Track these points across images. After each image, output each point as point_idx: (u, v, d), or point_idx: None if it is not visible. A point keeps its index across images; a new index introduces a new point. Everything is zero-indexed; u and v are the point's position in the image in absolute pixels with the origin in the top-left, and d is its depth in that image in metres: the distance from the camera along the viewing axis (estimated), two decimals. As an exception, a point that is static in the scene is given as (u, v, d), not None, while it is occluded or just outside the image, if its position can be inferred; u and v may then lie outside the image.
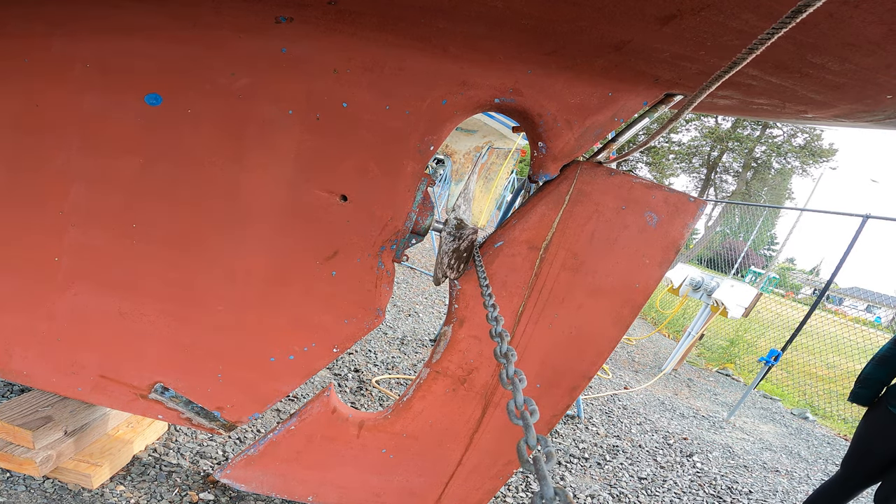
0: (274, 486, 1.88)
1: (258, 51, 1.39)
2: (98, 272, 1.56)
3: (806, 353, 8.79)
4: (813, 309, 5.47)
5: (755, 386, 5.41)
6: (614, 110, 1.53)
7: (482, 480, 2.01)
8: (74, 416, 1.92)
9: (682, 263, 7.27)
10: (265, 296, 1.63)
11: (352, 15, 1.34)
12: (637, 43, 1.24)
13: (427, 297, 6.12)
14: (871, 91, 1.30)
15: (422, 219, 1.62)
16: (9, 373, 1.64)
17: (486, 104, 1.50)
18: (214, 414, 1.76)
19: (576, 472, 3.09)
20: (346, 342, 1.71)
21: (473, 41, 1.37)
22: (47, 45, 1.36)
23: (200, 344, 1.66)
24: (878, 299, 42.22)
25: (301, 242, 1.58)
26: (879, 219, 5.34)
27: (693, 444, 4.06)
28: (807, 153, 31.86)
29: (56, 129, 1.42)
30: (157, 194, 1.50)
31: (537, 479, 0.47)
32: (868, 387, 2.42)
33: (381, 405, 3.18)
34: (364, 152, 1.51)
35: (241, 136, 1.47)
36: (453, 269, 1.68)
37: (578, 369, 1.82)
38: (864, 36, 1.03)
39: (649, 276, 1.72)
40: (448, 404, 1.83)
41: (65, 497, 1.81)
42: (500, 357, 0.75)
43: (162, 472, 2.06)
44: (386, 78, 1.44)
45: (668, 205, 1.66)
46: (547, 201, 1.62)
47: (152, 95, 1.41)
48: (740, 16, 1.03)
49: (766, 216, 12.51)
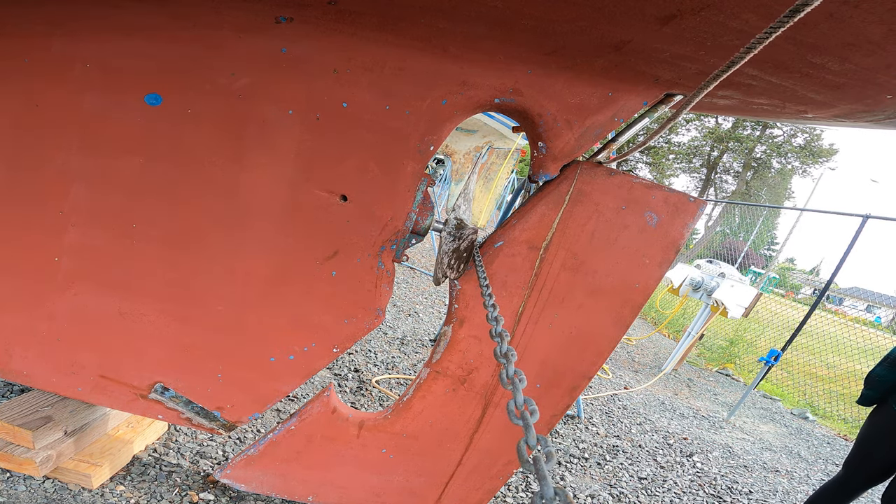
0: (274, 486, 1.89)
1: (258, 51, 1.39)
2: (98, 272, 1.56)
3: (806, 353, 8.78)
4: (813, 309, 5.48)
5: (755, 386, 5.41)
6: (614, 110, 1.53)
7: (482, 480, 2.01)
8: (74, 416, 1.92)
9: (682, 263, 7.27)
10: (265, 296, 1.63)
11: (352, 15, 1.34)
12: (637, 43, 1.24)
13: (427, 297, 6.12)
14: (871, 91, 1.30)
15: (422, 219, 1.62)
16: (9, 373, 1.64)
17: (486, 104, 1.50)
18: (214, 414, 1.76)
19: (576, 472, 3.09)
20: (346, 342, 1.71)
21: (473, 41, 1.37)
22: (47, 45, 1.36)
23: (200, 344, 1.66)
24: (878, 299, 42.21)
25: (301, 242, 1.58)
26: (879, 219, 5.34)
27: (693, 444, 4.06)
28: (807, 153, 31.83)
29: (56, 129, 1.42)
30: (158, 194, 1.50)
31: (537, 479, 0.47)
32: (876, 388, 2.40)
33: (381, 405, 3.18)
34: (364, 152, 1.51)
35: (241, 136, 1.47)
36: (453, 269, 1.68)
37: (578, 369, 1.82)
38: (864, 36, 1.03)
39: (649, 276, 1.72)
40: (448, 404, 1.83)
41: (65, 497, 1.81)
42: (500, 357, 0.75)
43: (162, 472, 2.06)
44: (386, 78, 1.44)
45: (668, 205, 1.66)
46: (547, 201, 1.62)
47: (152, 95, 1.41)
48: (740, 16, 1.03)
49: (766, 216, 12.51)
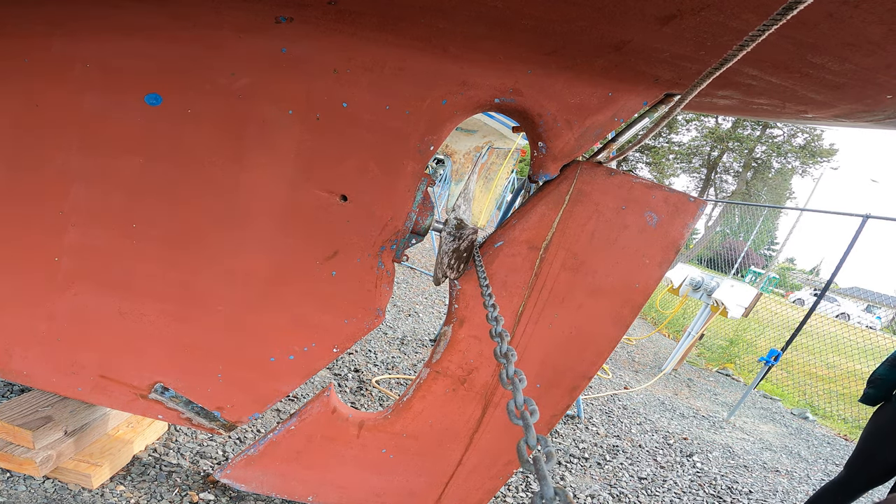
0: (274, 486, 1.89)
1: (258, 51, 1.39)
2: (98, 272, 1.56)
3: (806, 353, 8.78)
4: (813, 309, 5.47)
5: (755, 386, 5.41)
6: (614, 110, 1.53)
7: (482, 480, 2.01)
8: (74, 416, 1.92)
9: (682, 263, 7.27)
10: (265, 296, 1.63)
11: (352, 15, 1.34)
12: (637, 43, 1.24)
13: (427, 297, 6.12)
14: (871, 91, 1.30)
15: (422, 219, 1.62)
16: (9, 373, 1.64)
17: (486, 104, 1.50)
18: (214, 414, 1.76)
19: (576, 472, 3.09)
20: (346, 342, 1.71)
21: (473, 41, 1.37)
22: (47, 45, 1.36)
23: (200, 344, 1.66)
24: (878, 299, 42.18)
25: (301, 242, 1.58)
26: (879, 219, 5.34)
27: (693, 443, 4.06)
28: (807, 153, 31.82)
29: (56, 129, 1.42)
30: (158, 194, 1.50)
31: (537, 479, 0.47)
32: (879, 388, 2.40)
33: (381, 405, 3.18)
34: (364, 152, 1.51)
35: (241, 136, 1.47)
36: (453, 269, 1.68)
37: (578, 369, 1.82)
38: (864, 36, 1.03)
39: (649, 276, 1.72)
40: (448, 404, 1.83)
41: (65, 497, 1.81)
42: (500, 357, 0.75)
43: (162, 472, 2.06)
44: (386, 78, 1.44)
45: (668, 205, 1.66)
46: (547, 201, 1.62)
47: (152, 95, 1.41)
48: (740, 16, 1.03)
49: (767, 216, 12.50)
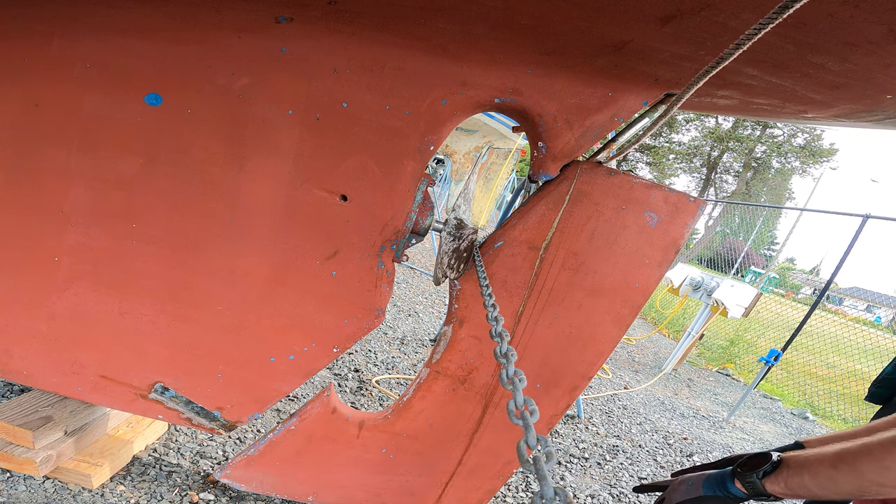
0: (274, 486, 1.89)
1: (258, 51, 1.39)
2: (98, 272, 1.56)
3: (806, 353, 8.78)
4: (813, 309, 5.48)
5: (755, 386, 5.41)
6: (614, 110, 1.53)
7: (482, 480, 2.01)
8: (74, 416, 1.92)
9: (682, 263, 7.27)
10: (265, 296, 1.63)
11: (352, 15, 1.34)
12: (637, 43, 1.24)
13: (427, 297, 6.12)
14: (871, 91, 1.30)
15: (422, 219, 1.62)
16: (9, 373, 1.64)
17: (486, 104, 1.50)
18: (214, 414, 1.76)
19: (576, 472, 3.09)
20: (346, 342, 1.71)
21: (473, 41, 1.37)
22: (47, 45, 1.36)
23: (200, 344, 1.66)
24: (878, 299, 42.19)
25: (301, 242, 1.58)
26: (879, 219, 5.35)
27: (693, 443, 4.06)
28: (807, 153, 31.83)
29: (56, 129, 1.42)
30: (157, 194, 1.50)
31: (537, 479, 0.47)
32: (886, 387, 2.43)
33: (381, 405, 3.18)
34: (364, 152, 1.51)
35: (241, 136, 1.47)
36: (453, 269, 1.68)
37: (578, 369, 1.82)
38: (864, 36, 1.03)
39: (649, 276, 1.72)
40: (448, 404, 1.83)
41: (65, 497, 1.81)
42: (500, 357, 0.75)
43: (162, 472, 2.06)
44: (386, 78, 1.44)
45: (668, 205, 1.66)
46: (547, 201, 1.62)
47: (152, 95, 1.41)
48: (740, 16, 1.03)
49: (767, 216, 12.50)
